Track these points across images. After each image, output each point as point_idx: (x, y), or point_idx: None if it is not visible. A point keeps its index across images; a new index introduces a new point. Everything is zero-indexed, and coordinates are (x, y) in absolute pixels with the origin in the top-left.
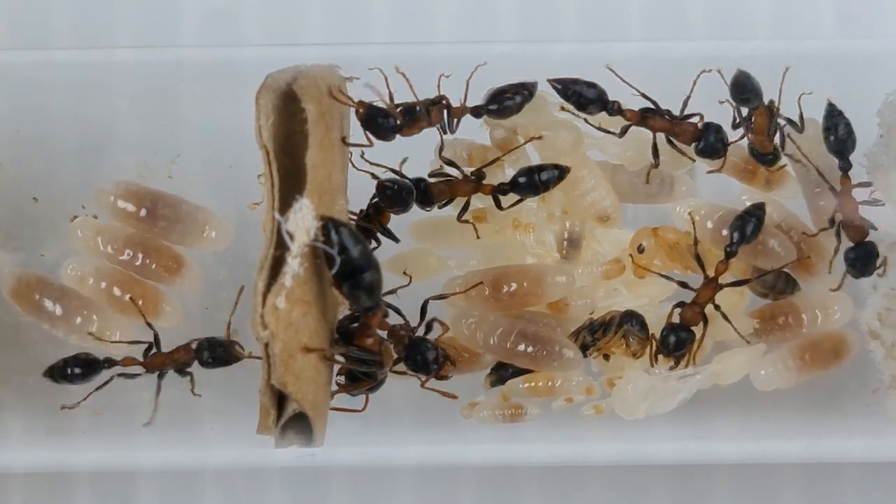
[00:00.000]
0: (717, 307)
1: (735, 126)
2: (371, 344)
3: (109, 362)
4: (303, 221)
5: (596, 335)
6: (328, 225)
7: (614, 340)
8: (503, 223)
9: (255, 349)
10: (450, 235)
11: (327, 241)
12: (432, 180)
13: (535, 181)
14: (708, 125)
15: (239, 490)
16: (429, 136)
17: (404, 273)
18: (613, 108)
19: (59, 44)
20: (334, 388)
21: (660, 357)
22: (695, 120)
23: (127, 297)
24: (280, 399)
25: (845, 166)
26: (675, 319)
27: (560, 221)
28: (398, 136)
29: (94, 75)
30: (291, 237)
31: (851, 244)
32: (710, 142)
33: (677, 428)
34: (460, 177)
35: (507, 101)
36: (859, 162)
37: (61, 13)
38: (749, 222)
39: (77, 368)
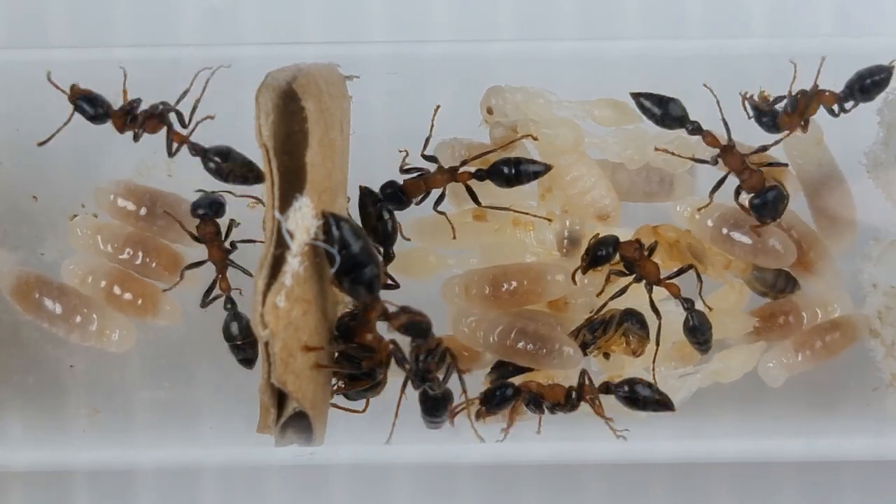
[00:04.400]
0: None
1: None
2: (371, 340)
3: None
4: (302, 220)
5: (596, 333)
6: (329, 220)
7: (614, 339)
8: (503, 221)
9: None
10: (450, 234)
11: (328, 237)
12: (406, 177)
13: (510, 172)
14: (774, 187)
15: (238, 489)
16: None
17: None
18: (693, 128)
19: (58, 42)
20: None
21: (660, 357)
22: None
23: (126, 295)
24: (280, 398)
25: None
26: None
27: (560, 220)
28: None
29: (93, 74)
30: (291, 236)
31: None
32: (767, 202)
33: (677, 426)
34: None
35: None
36: (859, 160)
37: (60, 12)
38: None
39: None
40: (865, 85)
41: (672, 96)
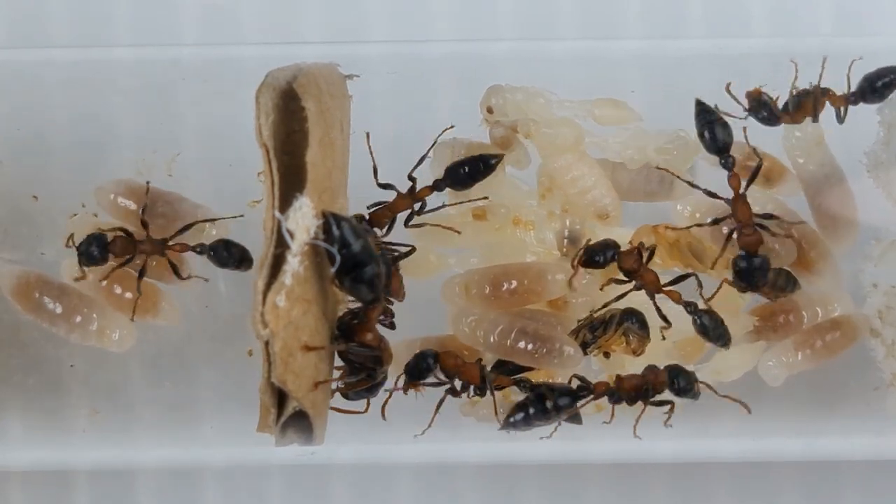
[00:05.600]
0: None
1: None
2: (371, 339)
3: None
4: (303, 219)
5: (596, 333)
6: (329, 220)
7: (614, 338)
8: (504, 221)
9: (256, 347)
10: (450, 234)
11: (328, 237)
12: (371, 210)
13: (466, 172)
14: (763, 257)
15: (239, 488)
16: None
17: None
18: (727, 163)
19: (58, 42)
20: (334, 387)
21: (661, 356)
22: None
23: (126, 294)
24: (280, 397)
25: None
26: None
27: (560, 219)
28: None
29: (94, 73)
30: (291, 235)
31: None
32: (751, 268)
33: (677, 426)
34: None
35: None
36: (859, 160)
37: (60, 11)
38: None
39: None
40: (877, 87)
41: (726, 122)
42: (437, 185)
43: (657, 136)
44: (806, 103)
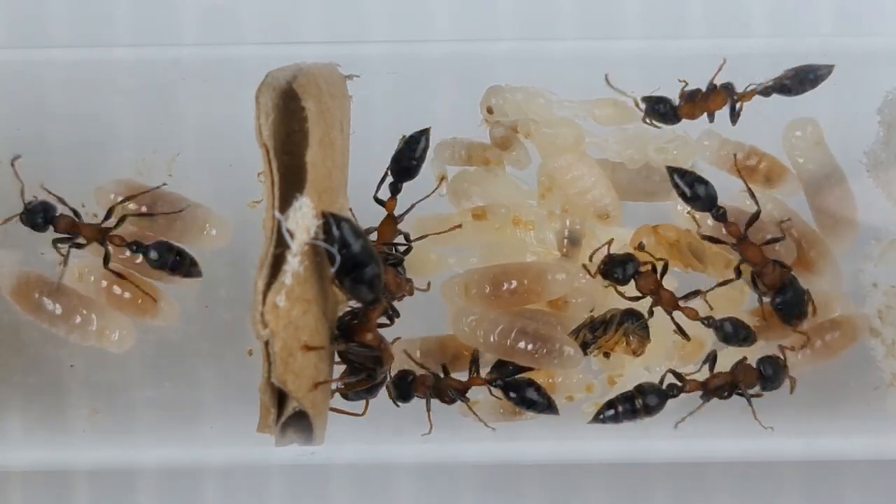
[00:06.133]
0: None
1: None
2: (371, 339)
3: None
4: (303, 219)
5: (596, 333)
6: (329, 220)
7: (615, 338)
8: (503, 221)
9: (256, 347)
10: (450, 233)
11: (328, 237)
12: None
13: (403, 161)
14: (793, 281)
15: (239, 488)
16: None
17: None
18: (719, 214)
19: (59, 42)
20: (334, 387)
21: (660, 356)
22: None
23: (126, 294)
24: (280, 397)
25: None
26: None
27: (560, 219)
28: None
29: (94, 73)
30: (291, 235)
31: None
32: (787, 301)
33: (669, 423)
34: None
35: None
36: (858, 160)
37: (60, 11)
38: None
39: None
40: (801, 81)
41: (705, 179)
42: (393, 189)
43: (657, 135)
44: (695, 100)
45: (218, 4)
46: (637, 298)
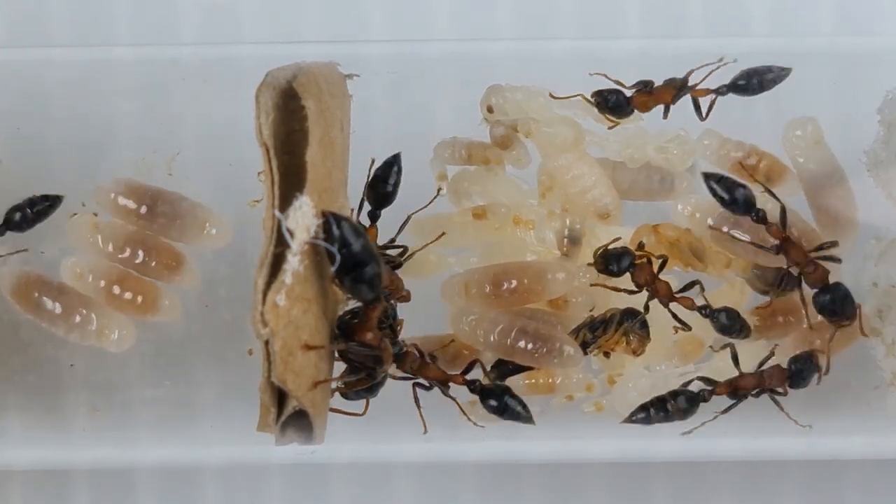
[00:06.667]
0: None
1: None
2: (371, 339)
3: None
4: (303, 219)
5: (596, 332)
6: (329, 219)
7: (615, 338)
8: (504, 220)
9: (256, 346)
10: (450, 233)
11: (328, 236)
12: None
13: (379, 187)
14: (838, 286)
15: (239, 487)
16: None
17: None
18: (759, 216)
19: (59, 41)
20: (334, 386)
21: (660, 355)
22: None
23: (126, 294)
24: (280, 396)
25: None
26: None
27: (560, 218)
28: None
29: (94, 73)
30: (291, 234)
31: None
32: (835, 300)
33: (677, 425)
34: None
35: None
36: (858, 159)
37: (60, 11)
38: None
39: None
40: (752, 82)
41: (742, 182)
42: (372, 217)
43: (657, 135)
44: (649, 92)
45: (218, 4)
46: (633, 292)
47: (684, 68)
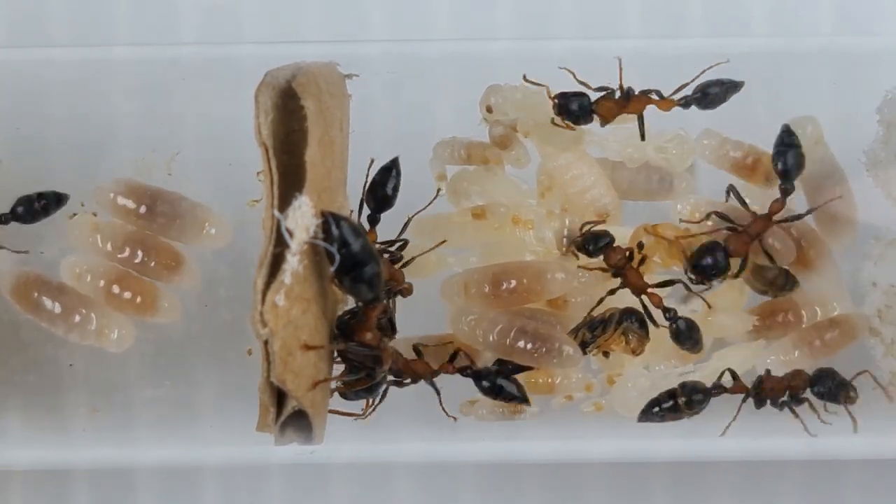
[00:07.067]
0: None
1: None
2: (371, 339)
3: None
4: (302, 219)
5: (595, 332)
6: (328, 219)
7: (614, 337)
8: (503, 220)
9: (255, 346)
10: (449, 233)
11: (328, 236)
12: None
13: (378, 191)
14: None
15: (238, 487)
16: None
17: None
18: (787, 189)
19: (58, 41)
20: (334, 386)
21: (659, 356)
22: None
23: (125, 294)
24: (279, 396)
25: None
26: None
27: (559, 218)
28: None
29: (94, 73)
30: (291, 234)
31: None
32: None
33: (678, 425)
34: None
35: None
36: (858, 158)
37: (60, 11)
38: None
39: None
40: (708, 94)
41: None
42: (372, 220)
43: (656, 135)
44: (605, 103)
45: (218, 4)
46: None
47: (684, 68)
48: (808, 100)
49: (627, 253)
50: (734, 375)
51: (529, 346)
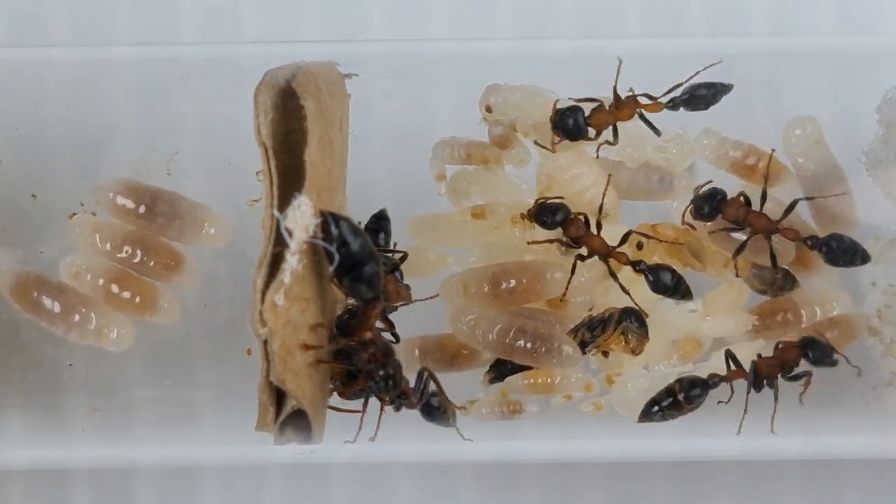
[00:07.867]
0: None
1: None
2: (370, 338)
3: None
4: (301, 218)
5: (595, 332)
6: (328, 219)
7: (613, 337)
8: (502, 220)
9: (255, 346)
10: (449, 232)
11: (327, 235)
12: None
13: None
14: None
15: (238, 487)
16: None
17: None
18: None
19: (58, 41)
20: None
21: (659, 355)
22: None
23: (125, 293)
24: (279, 396)
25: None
26: None
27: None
28: None
29: (94, 73)
30: (290, 234)
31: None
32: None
33: (677, 425)
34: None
35: None
36: (857, 158)
37: (60, 11)
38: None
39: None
40: (697, 96)
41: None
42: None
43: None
44: (600, 114)
45: (218, 4)
46: (571, 247)
47: (684, 68)
48: (808, 100)
49: (583, 219)
50: (733, 358)
51: (529, 345)
